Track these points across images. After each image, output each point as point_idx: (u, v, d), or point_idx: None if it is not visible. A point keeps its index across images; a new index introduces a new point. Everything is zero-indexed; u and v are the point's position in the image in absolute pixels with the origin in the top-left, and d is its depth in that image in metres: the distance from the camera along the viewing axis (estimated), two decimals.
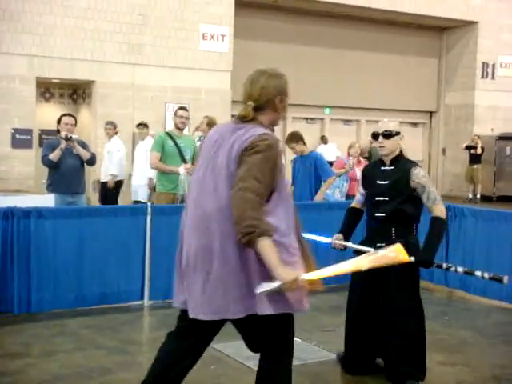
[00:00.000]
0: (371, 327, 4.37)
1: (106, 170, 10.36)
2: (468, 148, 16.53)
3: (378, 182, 4.36)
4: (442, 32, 18.40)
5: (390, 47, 17.42)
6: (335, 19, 16.40)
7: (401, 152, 4.40)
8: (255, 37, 15.32)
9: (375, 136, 4.37)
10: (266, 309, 2.93)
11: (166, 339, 3.24)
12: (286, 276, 2.75)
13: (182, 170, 7.17)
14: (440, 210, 4.23)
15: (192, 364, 3.19)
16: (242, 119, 3.09)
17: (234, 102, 13.54)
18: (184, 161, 7.35)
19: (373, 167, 4.52)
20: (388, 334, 4.30)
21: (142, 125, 10.57)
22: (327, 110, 17.11)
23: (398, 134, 4.35)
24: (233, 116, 14.27)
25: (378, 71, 17.18)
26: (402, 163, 4.35)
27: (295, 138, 8.02)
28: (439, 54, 18.55)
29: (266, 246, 2.76)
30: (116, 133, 10.51)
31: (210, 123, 8.83)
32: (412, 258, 3.70)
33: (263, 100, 3.08)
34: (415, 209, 4.33)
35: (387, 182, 4.31)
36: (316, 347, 5.03)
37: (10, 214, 5.65)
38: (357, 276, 4.32)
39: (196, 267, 3.04)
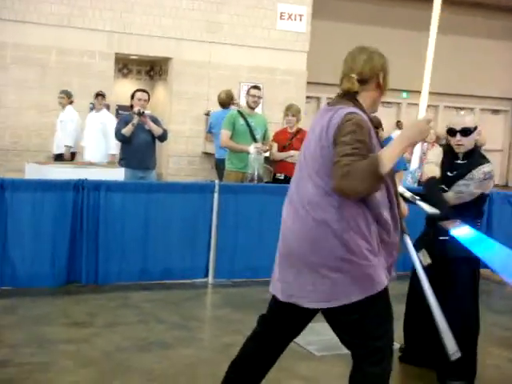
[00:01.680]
0: (427, 321, 4.22)
1: (58, 141, 9.81)
2: None
3: (448, 173, 4.17)
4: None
5: (471, 30, 16.80)
6: (418, 1, 15.92)
7: (475, 145, 4.19)
8: (333, 18, 15.06)
9: (452, 133, 4.15)
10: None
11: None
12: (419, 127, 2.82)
13: (252, 148, 7.12)
14: (452, 198, 4.03)
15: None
16: (345, 93, 2.96)
17: (309, 83, 13.38)
18: (254, 140, 7.30)
19: (448, 154, 4.31)
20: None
21: (101, 95, 9.76)
22: (404, 94, 16.70)
23: (475, 129, 4.13)
24: (308, 97, 14.12)
25: (458, 55, 16.62)
26: (475, 159, 4.14)
27: (374, 122, 7.73)
28: None
29: (386, 156, 2.68)
30: (71, 102, 9.85)
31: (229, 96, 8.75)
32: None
33: (367, 73, 2.96)
34: (478, 203, 4.14)
35: (455, 173, 4.13)
36: None
37: (80, 186, 5.76)
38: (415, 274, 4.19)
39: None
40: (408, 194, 3.88)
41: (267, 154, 7.80)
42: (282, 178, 7.35)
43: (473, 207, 4.14)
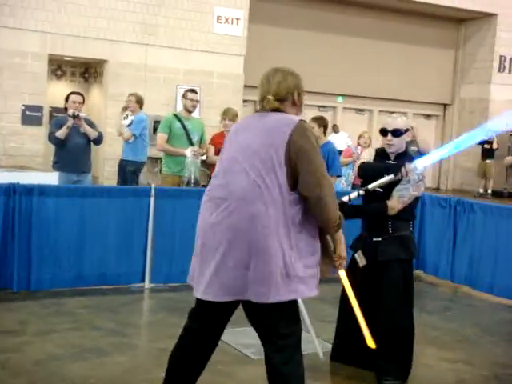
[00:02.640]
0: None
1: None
2: (481, 143, 16.35)
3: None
4: (459, 23, 18.16)
5: (406, 37, 17.21)
6: (351, 6, 16.21)
7: (406, 148, 4.32)
8: (270, 22, 15.16)
9: (384, 132, 4.27)
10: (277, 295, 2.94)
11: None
12: (343, 252, 3.26)
13: (188, 152, 7.09)
14: (393, 204, 4.16)
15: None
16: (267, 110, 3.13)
17: (246, 86, 13.43)
18: (191, 143, 7.28)
19: (383, 155, 4.41)
20: (375, 330, 4.24)
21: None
22: (340, 99, 16.96)
23: (407, 130, 4.26)
24: (245, 101, 14.17)
25: (393, 61, 17.00)
26: (405, 159, 4.27)
27: (322, 121, 7.66)
28: (456, 45, 18.32)
29: (341, 233, 3.24)
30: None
31: (139, 100, 8.76)
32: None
33: (282, 93, 3.12)
34: (411, 205, 4.25)
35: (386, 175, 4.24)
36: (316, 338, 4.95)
37: (12, 190, 5.61)
38: (352, 268, 4.32)
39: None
40: (354, 194, 4.05)
41: (204, 158, 7.78)
42: None
43: (408, 209, 4.24)
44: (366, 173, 4.38)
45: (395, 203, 4.17)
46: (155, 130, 11.98)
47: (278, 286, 2.95)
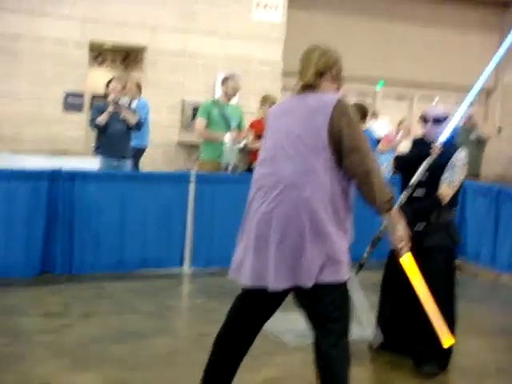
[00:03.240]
0: (403, 308, 4.30)
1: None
2: None
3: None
4: (504, 7, 17.77)
5: (448, 22, 16.90)
6: None
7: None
8: (309, 8, 15.04)
9: (424, 120, 4.23)
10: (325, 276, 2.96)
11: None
12: (400, 232, 3.19)
13: (227, 138, 7.11)
14: (445, 191, 4.11)
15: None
16: (305, 87, 3.10)
17: (285, 73, 13.36)
18: (229, 129, 7.29)
19: (422, 143, 4.36)
20: (416, 316, 4.21)
21: None
22: (380, 85, 16.78)
23: (447, 118, 4.22)
24: (284, 87, 14.11)
25: (434, 47, 16.72)
26: (446, 146, 4.21)
27: (361, 107, 7.58)
28: (500, 30, 17.93)
29: (395, 211, 3.14)
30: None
31: (139, 85, 8.66)
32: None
33: (322, 68, 3.10)
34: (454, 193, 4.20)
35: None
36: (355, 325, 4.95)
37: (55, 175, 5.71)
38: (392, 256, 4.29)
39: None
40: (403, 198, 4.04)
41: (243, 144, 7.79)
42: None
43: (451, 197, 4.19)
44: (401, 164, 4.34)
45: (447, 190, 4.12)
46: (194, 116, 12.06)
47: (327, 270, 2.95)
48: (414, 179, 4.12)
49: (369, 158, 2.96)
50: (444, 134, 4.12)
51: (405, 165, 4.27)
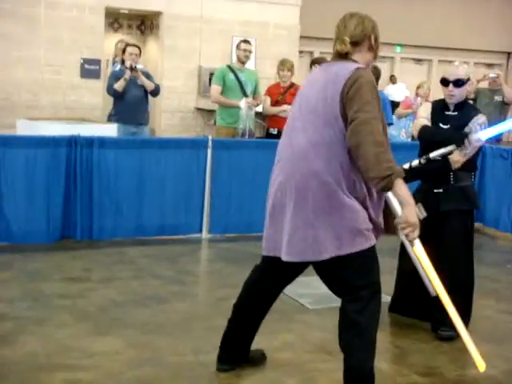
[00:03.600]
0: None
1: None
2: None
3: (441, 124, 4.20)
4: None
5: None
6: None
7: (466, 97, 4.22)
8: None
9: (445, 82, 4.16)
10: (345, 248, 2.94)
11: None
12: (411, 217, 2.90)
13: (242, 103, 7.07)
14: (456, 157, 4.06)
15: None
16: (338, 54, 3.06)
17: (302, 37, 13.21)
18: (245, 94, 7.26)
19: (440, 108, 4.32)
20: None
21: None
22: (398, 48, 16.55)
23: (468, 80, 4.14)
24: (301, 52, 13.97)
25: (452, 9, 16.42)
26: (466, 110, 4.17)
27: (373, 70, 7.60)
28: None
29: (401, 185, 2.82)
30: None
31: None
32: None
33: (359, 36, 3.04)
34: (471, 157, 4.16)
35: (448, 126, 4.17)
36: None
37: (73, 142, 5.74)
38: None
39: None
40: (415, 162, 3.99)
41: (259, 109, 7.76)
42: (276, 132, 7.31)
43: (470, 160, 4.16)
44: (427, 138, 4.28)
45: (458, 157, 4.09)
46: (210, 81, 12.00)
47: (344, 241, 2.93)
48: (434, 154, 4.08)
49: (361, 127, 2.79)
50: (487, 134, 4.05)
51: (431, 139, 4.21)
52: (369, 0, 14.64)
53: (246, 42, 7.54)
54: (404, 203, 2.89)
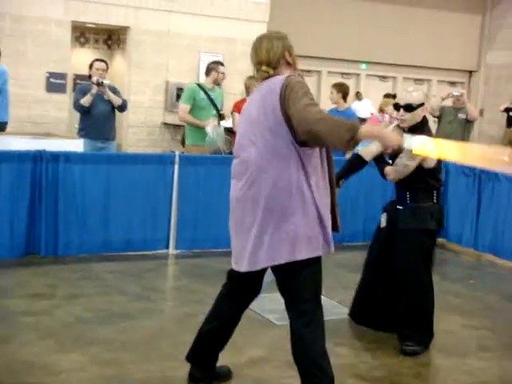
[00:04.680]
0: (386, 288, 4.39)
1: None
2: (507, 110, 16.10)
3: None
4: None
5: (431, 2, 16.90)
6: None
7: (421, 121, 4.24)
8: None
9: (397, 107, 4.25)
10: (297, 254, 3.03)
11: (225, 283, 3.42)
12: (392, 140, 2.99)
13: (208, 127, 7.06)
14: (392, 174, 4.21)
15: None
16: (263, 79, 3.20)
17: None
18: (217, 110, 7.30)
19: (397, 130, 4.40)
20: (396, 296, 4.30)
21: None
22: (363, 66, 16.77)
23: (421, 105, 4.20)
24: None
25: (417, 27, 16.70)
26: (418, 133, 4.24)
27: (341, 87, 7.79)
28: (483, 10, 17.95)
29: (365, 131, 2.88)
30: None
31: None
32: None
33: (274, 61, 3.16)
34: (425, 178, 4.23)
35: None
36: (338, 304, 5.01)
37: (39, 157, 5.69)
38: (376, 235, 4.47)
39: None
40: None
41: (228, 124, 7.81)
42: None
43: (420, 181, 4.23)
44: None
45: (389, 170, 4.23)
46: (178, 97, 12.00)
47: (298, 247, 3.03)
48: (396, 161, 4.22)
49: (303, 113, 2.91)
50: (419, 146, 4.05)
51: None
52: (333, 18, 14.84)
53: (222, 64, 7.59)
54: (379, 138, 3.05)
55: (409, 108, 4.17)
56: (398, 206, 4.32)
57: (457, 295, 5.51)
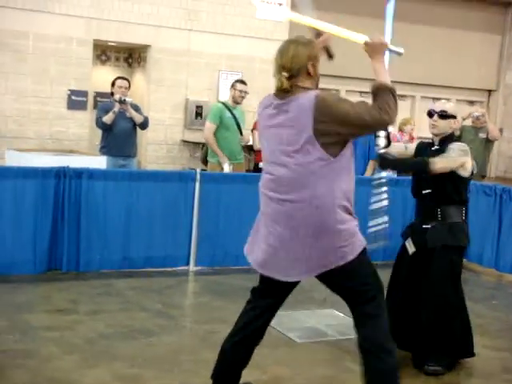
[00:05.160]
0: (409, 307, 4.34)
1: None
2: None
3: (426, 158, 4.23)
4: (507, 7, 17.78)
5: (451, 22, 16.92)
6: None
7: (452, 133, 4.29)
8: (314, 6, 15.06)
9: (431, 114, 4.27)
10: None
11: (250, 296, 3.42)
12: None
13: (226, 166, 7.17)
14: (440, 163, 4.09)
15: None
16: (282, 91, 3.15)
17: None
18: (240, 130, 7.41)
19: (425, 146, 4.42)
20: (422, 316, 4.24)
21: None
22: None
23: (453, 117, 4.23)
24: None
25: (437, 46, 16.74)
26: (448, 143, 4.25)
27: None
28: (503, 30, 17.95)
29: (386, 78, 3.33)
30: None
31: None
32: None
33: (295, 68, 3.13)
34: (459, 187, 4.22)
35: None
36: None
37: (62, 173, 5.75)
38: (401, 255, 4.37)
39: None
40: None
41: (250, 143, 7.93)
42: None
43: (454, 193, 4.21)
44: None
45: (440, 161, 4.10)
46: (198, 114, 12.11)
47: (345, 249, 3.09)
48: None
49: (366, 116, 3.07)
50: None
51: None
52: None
53: (242, 82, 7.63)
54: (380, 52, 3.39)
55: (443, 115, 4.20)
56: (424, 226, 4.23)
57: (478, 315, 5.46)
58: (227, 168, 7.19)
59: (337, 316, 5.02)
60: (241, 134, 7.40)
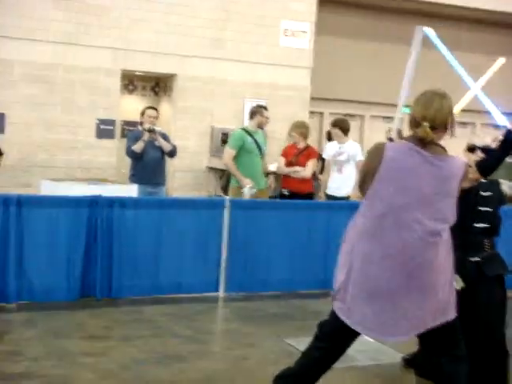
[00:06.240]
0: None
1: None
2: None
3: (482, 193, 4.17)
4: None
5: (475, 47, 16.99)
6: (420, 17, 16.09)
7: None
8: (336, 34, 15.23)
9: (472, 149, 4.34)
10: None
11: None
12: None
13: (246, 188, 7.25)
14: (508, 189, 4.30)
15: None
16: (421, 140, 3.22)
17: (312, 98, 13.52)
18: (261, 155, 7.50)
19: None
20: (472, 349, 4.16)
21: None
22: (406, 109, 16.86)
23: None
24: (311, 113, 14.26)
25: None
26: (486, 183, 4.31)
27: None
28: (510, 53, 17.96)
29: None
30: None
31: None
32: None
33: (438, 121, 3.23)
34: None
35: (491, 193, 4.20)
36: (391, 349, 5.01)
37: (95, 202, 5.89)
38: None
39: None
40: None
41: (273, 169, 8.03)
42: (287, 193, 7.62)
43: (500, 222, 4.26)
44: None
45: (507, 190, 4.33)
46: (223, 141, 12.25)
47: (440, 314, 3.35)
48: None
49: None
50: None
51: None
52: (375, 63, 15.03)
53: (266, 108, 7.81)
54: None
55: (486, 150, 4.29)
56: (472, 259, 4.08)
57: None
58: (247, 191, 7.26)
59: (366, 341, 5.04)
60: (262, 156, 7.51)
